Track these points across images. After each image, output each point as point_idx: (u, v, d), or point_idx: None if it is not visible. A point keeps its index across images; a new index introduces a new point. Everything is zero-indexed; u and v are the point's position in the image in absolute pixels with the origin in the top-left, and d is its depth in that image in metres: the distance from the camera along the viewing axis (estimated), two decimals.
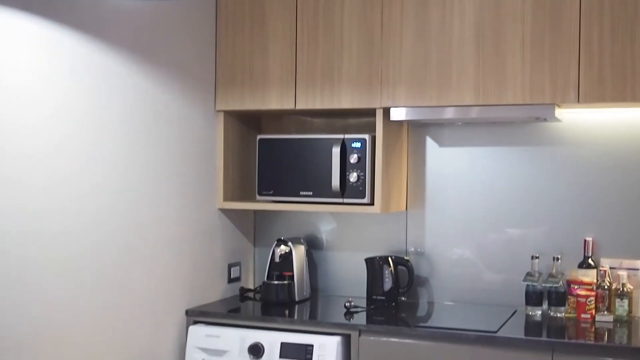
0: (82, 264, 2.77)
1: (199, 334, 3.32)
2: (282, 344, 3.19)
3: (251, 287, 3.99)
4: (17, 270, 2.48)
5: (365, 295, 3.70)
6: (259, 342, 3.21)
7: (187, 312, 3.41)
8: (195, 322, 3.41)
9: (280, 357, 3.17)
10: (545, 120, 3.28)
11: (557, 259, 3.36)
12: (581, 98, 3.06)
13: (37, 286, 2.57)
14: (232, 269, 3.80)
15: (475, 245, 3.60)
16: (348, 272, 3.83)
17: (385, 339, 3.10)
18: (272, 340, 3.21)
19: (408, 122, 3.55)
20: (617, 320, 3.21)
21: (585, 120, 3.42)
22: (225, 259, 3.75)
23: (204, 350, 3.30)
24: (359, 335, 3.14)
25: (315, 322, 3.21)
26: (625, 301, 3.21)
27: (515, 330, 3.05)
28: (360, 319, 3.25)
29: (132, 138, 3.04)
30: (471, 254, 3.61)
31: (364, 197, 3.38)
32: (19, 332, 2.49)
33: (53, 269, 2.64)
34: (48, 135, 2.61)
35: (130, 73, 3.03)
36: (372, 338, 3.12)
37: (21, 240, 2.49)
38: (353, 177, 3.39)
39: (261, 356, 3.20)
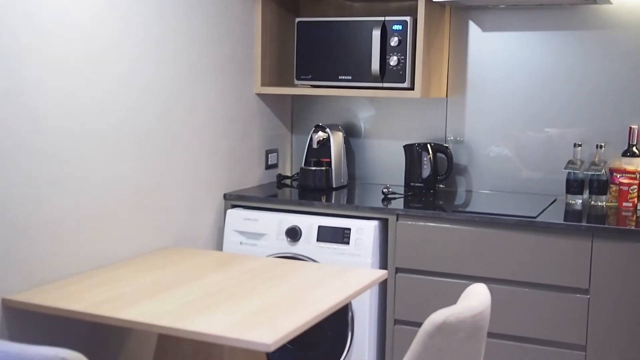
0: (121, 145, 2.77)
1: (237, 217, 3.34)
2: (319, 227, 3.20)
3: (288, 174, 3.99)
4: (58, 150, 2.48)
5: (403, 183, 3.69)
6: (297, 226, 3.22)
7: (225, 196, 3.43)
8: (234, 206, 3.43)
9: (318, 240, 3.19)
10: (594, 2, 3.16)
11: (601, 147, 3.29)
12: None
13: (79, 165, 2.58)
14: (269, 156, 3.79)
15: (516, 138, 3.54)
16: (386, 160, 3.80)
17: (423, 223, 3.09)
18: (309, 224, 3.22)
19: (451, 4, 3.44)
20: None
21: (637, 2, 3.28)
22: (263, 145, 3.74)
23: (242, 233, 3.32)
24: (397, 219, 3.13)
25: (353, 206, 3.21)
26: None
27: (555, 216, 3.01)
28: (398, 204, 3.24)
29: (166, 17, 2.98)
30: (510, 150, 3.55)
31: (404, 81, 3.31)
32: (61, 208, 2.51)
33: (93, 149, 2.64)
34: (80, 10, 2.56)
35: None
36: (409, 222, 3.11)
37: (62, 120, 2.49)
38: (393, 60, 3.32)
39: (298, 239, 3.22)
